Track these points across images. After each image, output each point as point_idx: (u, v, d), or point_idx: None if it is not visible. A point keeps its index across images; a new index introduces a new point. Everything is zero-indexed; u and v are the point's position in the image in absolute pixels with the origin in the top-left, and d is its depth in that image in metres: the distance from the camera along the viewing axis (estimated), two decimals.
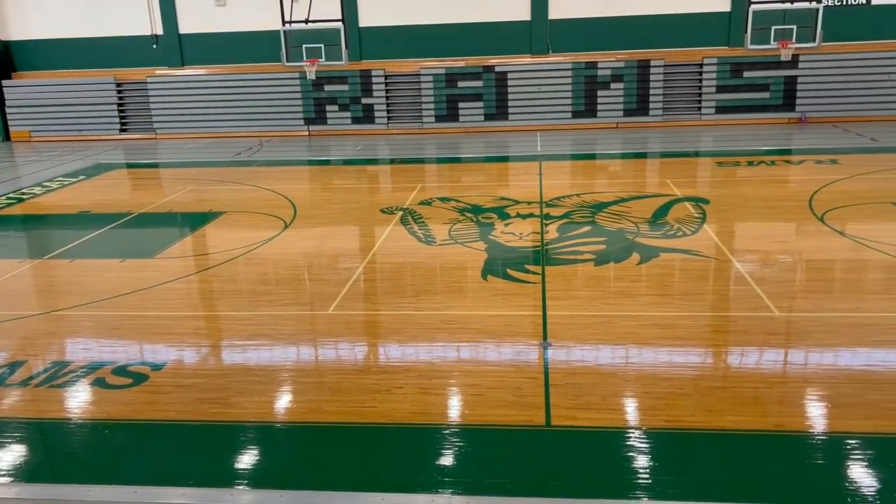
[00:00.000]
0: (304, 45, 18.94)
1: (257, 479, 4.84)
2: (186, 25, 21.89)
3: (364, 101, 21.61)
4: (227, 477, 4.83)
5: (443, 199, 12.70)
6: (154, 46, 22.10)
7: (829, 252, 9.10)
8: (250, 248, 10.13)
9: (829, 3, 18.81)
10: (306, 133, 21.96)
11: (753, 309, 7.31)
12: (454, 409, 5.65)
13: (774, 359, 6.29)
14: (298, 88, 21.64)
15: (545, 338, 6.78)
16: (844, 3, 19.56)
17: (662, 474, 4.68)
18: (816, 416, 5.37)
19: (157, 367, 6.43)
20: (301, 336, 7.13)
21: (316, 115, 21.86)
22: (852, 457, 4.81)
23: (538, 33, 20.64)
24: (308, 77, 19.60)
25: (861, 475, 4.62)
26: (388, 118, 21.76)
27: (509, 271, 8.79)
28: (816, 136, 18.01)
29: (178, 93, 22.23)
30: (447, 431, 5.28)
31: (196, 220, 12.07)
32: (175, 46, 22.05)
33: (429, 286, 8.41)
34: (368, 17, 21.27)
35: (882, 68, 19.55)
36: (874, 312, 7.08)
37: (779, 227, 10.45)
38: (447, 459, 4.96)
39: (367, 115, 21.69)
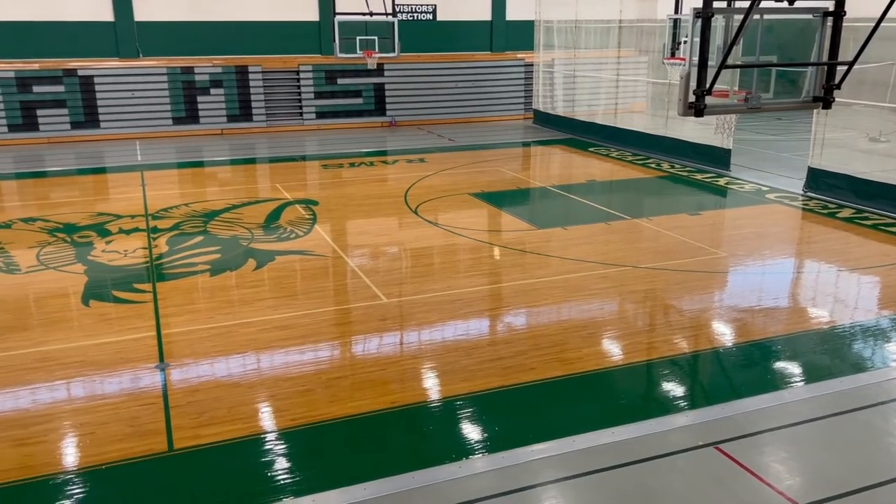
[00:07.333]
0: None
1: None
2: None
3: None
4: None
5: (27, 220, 11.09)
6: None
7: (425, 240, 10.19)
8: None
9: (403, 18, 20.96)
10: None
11: (365, 299, 7.85)
12: (61, 455, 4.99)
13: (387, 342, 6.85)
14: None
15: (161, 359, 6.38)
16: (416, 18, 22.02)
17: (297, 471, 4.77)
18: (427, 387, 6.00)
19: None
20: None
21: None
22: (459, 415, 5.47)
23: (125, 35, 19.20)
24: None
25: (469, 430, 5.29)
26: None
27: (116, 293, 8.06)
28: (406, 138, 20.00)
29: None
30: (54, 482, 4.65)
31: None
32: None
33: (17, 321, 7.27)
34: None
35: (450, 77, 22.48)
36: (462, 288, 8.14)
37: (381, 222, 11.37)
38: None
39: None
